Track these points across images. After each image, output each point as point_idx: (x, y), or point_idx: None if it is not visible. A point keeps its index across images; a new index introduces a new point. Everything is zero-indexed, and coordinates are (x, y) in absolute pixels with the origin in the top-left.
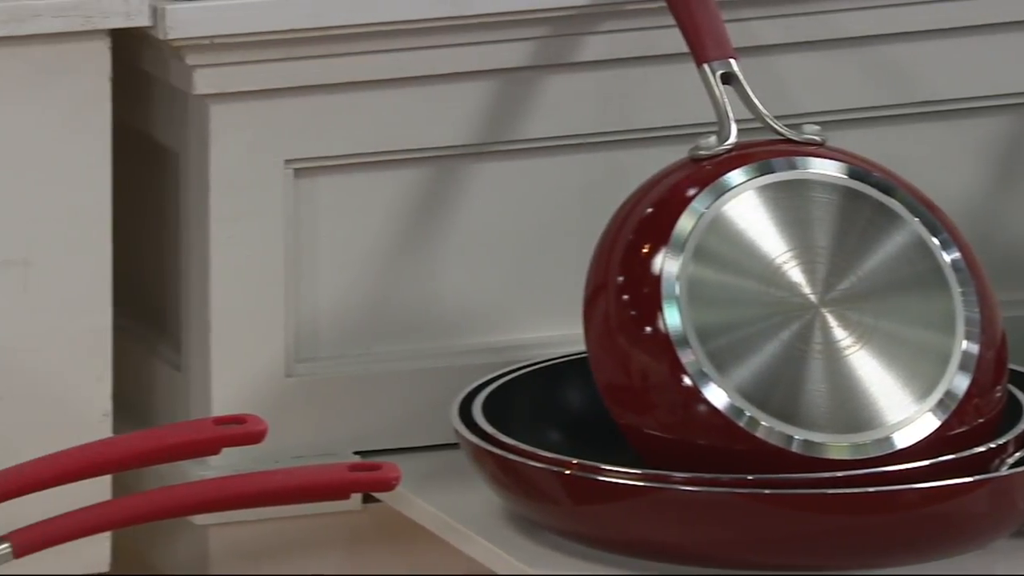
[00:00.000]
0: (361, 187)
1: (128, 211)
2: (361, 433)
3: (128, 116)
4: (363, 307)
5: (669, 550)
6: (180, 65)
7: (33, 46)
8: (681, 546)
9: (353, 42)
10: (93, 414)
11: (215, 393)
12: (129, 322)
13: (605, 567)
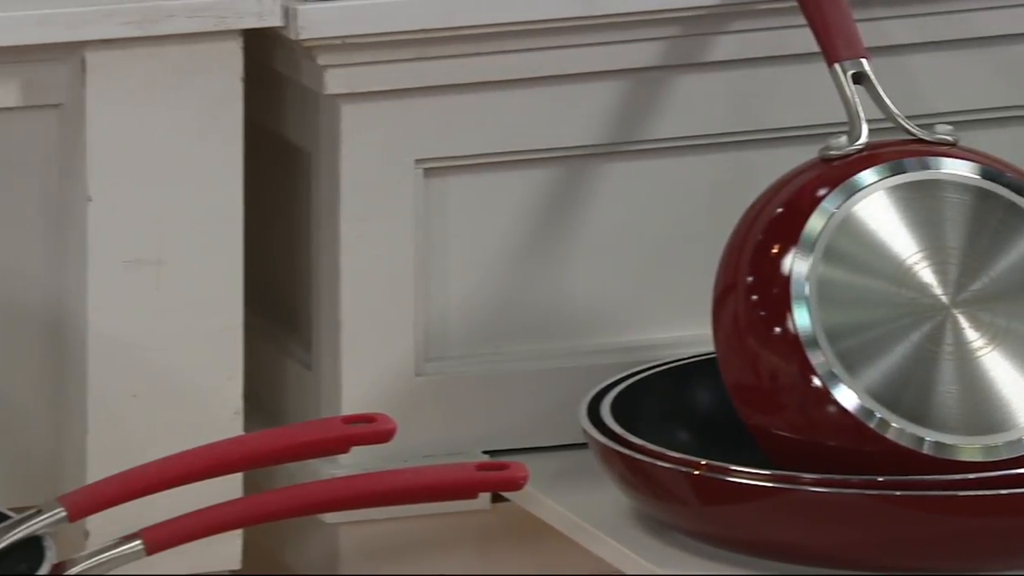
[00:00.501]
0: (491, 187)
1: (259, 210)
2: (490, 432)
3: (260, 116)
4: (492, 306)
5: (796, 551)
6: (312, 65)
7: (167, 46)
8: (809, 547)
9: (483, 42)
10: (224, 412)
11: (345, 392)
12: (260, 321)
13: (732, 567)
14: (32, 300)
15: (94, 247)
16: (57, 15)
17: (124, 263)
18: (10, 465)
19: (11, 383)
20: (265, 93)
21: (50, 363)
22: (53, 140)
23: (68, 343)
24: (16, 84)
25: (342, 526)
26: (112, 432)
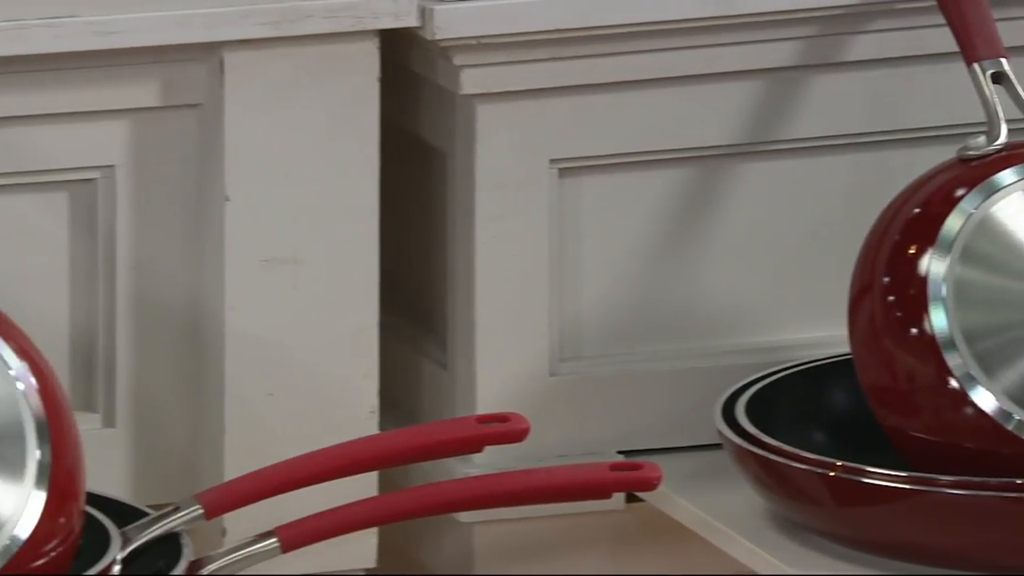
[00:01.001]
0: (626, 187)
1: (395, 210)
2: (624, 432)
3: (396, 116)
4: (627, 306)
5: (932, 553)
6: (447, 65)
7: (304, 47)
8: (945, 549)
9: (619, 42)
10: (360, 411)
11: (480, 391)
12: (396, 320)
13: (867, 569)
14: (171, 298)
15: (231, 246)
16: (196, 16)
17: (261, 262)
18: (149, 462)
19: (150, 381)
20: (401, 93)
21: (188, 361)
22: (192, 140)
23: (206, 342)
24: (156, 84)
25: (476, 525)
26: (249, 430)
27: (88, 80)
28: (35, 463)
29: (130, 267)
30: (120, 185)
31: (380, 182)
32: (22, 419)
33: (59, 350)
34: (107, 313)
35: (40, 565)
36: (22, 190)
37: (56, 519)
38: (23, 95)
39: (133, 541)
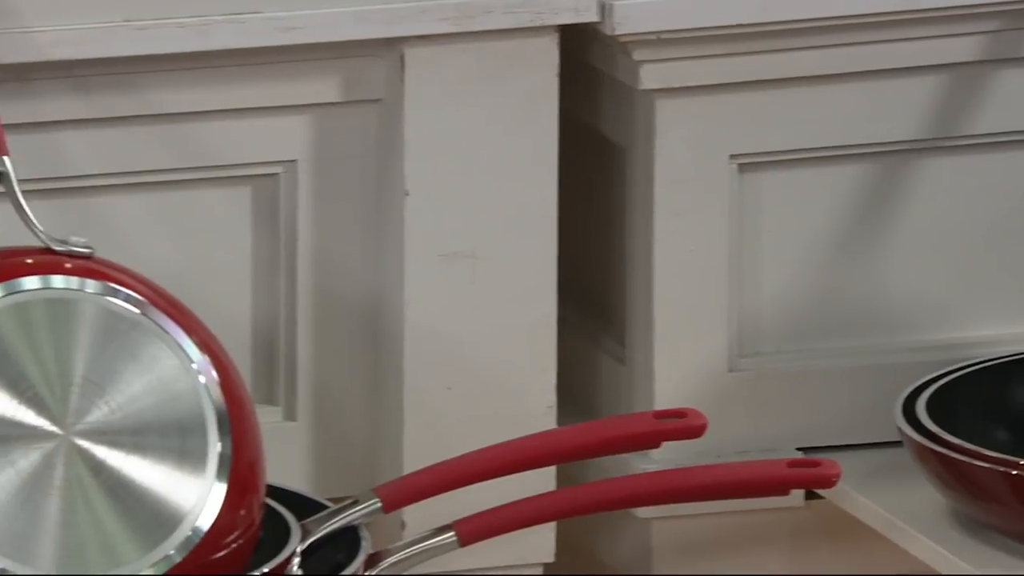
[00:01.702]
0: (806, 182)
1: (573, 204)
2: (803, 429)
3: (575, 110)
4: (806, 303)
5: None
6: (627, 60)
7: (483, 42)
8: None
9: (800, 37)
10: (538, 406)
11: (658, 387)
12: (574, 315)
13: None
14: (351, 292)
15: (411, 240)
16: (376, 12)
17: (440, 256)
18: (329, 456)
19: (331, 374)
20: (580, 88)
21: (367, 355)
22: (372, 135)
23: (385, 335)
24: (337, 80)
25: (655, 521)
26: (427, 424)
27: (270, 76)
28: (216, 455)
29: (311, 261)
30: (302, 180)
31: (559, 177)
32: (204, 412)
33: (241, 344)
34: (288, 307)
35: (221, 557)
36: (206, 185)
37: (236, 511)
38: (207, 91)
39: (312, 534)
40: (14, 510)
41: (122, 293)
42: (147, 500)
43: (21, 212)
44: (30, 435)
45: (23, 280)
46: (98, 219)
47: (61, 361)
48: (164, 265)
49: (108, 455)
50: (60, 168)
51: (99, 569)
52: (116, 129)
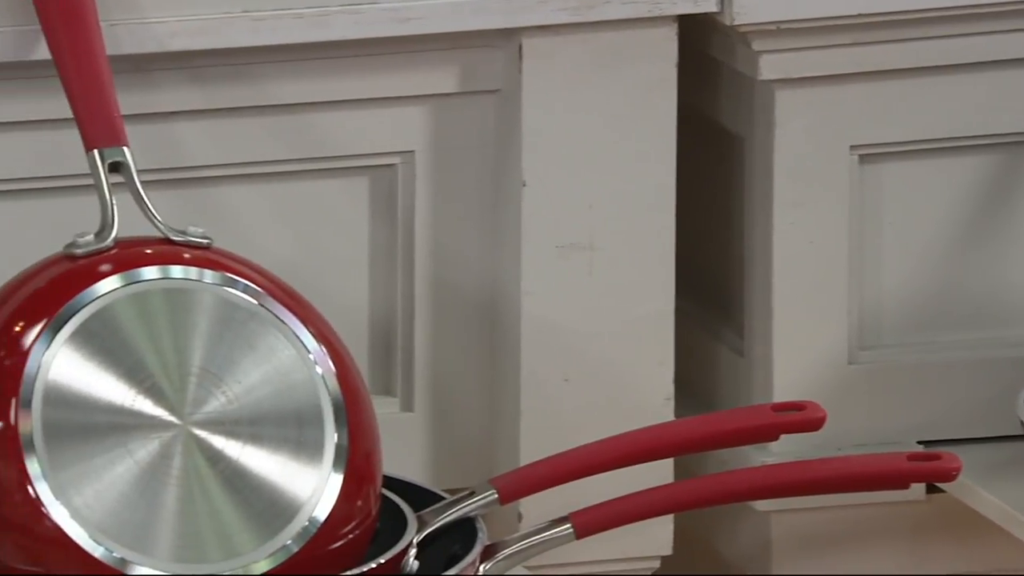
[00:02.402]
0: (928, 174)
1: (691, 195)
2: (924, 422)
3: (693, 101)
4: (928, 294)
5: None
6: (746, 50)
7: (601, 32)
8: None
9: (923, 26)
10: (655, 398)
11: (777, 379)
12: (692, 306)
13: None
14: (468, 283)
15: (528, 231)
16: (494, 2)
17: (557, 248)
18: (445, 447)
19: (447, 365)
20: (699, 78)
21: (484, 346)
22: (490, 125)
23: (502, 326)
24: (455, 70)
25: (773, 514)
26: (544, 415)
27: (388, 66)
28: (332, 446)
29: (428, 252)
30: (419, 170)
31: (677, 167)
32: (320, 402)
33: (358, 334)
34: (405, 298)
35: (337, 547)
36: (324, 175)
37: (353, 502)
38: (325, 81)
39: (429, 525)
40: (132, 500)
41: (240, 283)
42: (264, 490)
43: (140, 202)
44: (148, 425)
45: (143, 270)
46: (216, 209)
47: (179, 351)
48: (281, 256)
49: (225, 445)
50: (178, 159)
51: (216, 559)
52: (234, 120)
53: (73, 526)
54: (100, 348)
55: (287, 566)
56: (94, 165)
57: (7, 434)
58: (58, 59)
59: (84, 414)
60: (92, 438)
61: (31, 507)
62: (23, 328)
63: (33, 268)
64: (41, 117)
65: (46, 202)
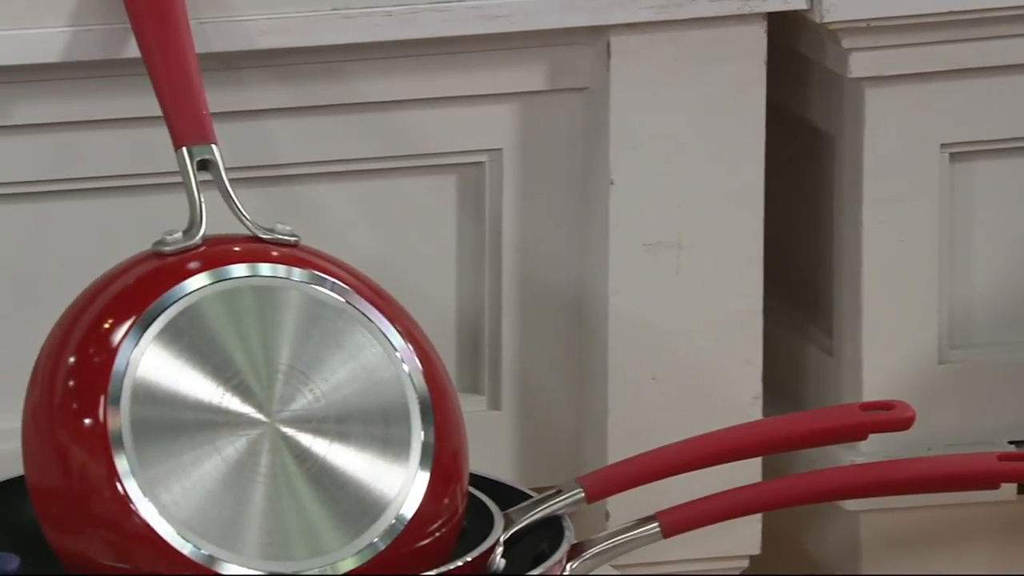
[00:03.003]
0: (1019, 171)
1: (780, 193)
2: (1015, 421)
3: (782, 99)
4: (1019, 292)
5: None
6: (836, 48)
7: (690, 30)
8: None
9: (1014, 24)
10: (743, 397)
11: (866, 378)
12: (779, 305)
13: None
14: (555, 281)
15: (615, 229)
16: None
17: (645, 246)
18: (533, 445)
19: (535, 363)
20: (788, 76)
21: (572, 344)
22: (578, 123)
23: (590, 324)
24: (543, 68)
25: (863, 513)
26: (631, 414)
27: (476, 64)
28: (419, 444)
29: (516, 249)
30: (507, 168)
31: (765, 165)
32: (407, 400)
33: (445, 332)
34: (493, 295)
35: (424, 545)
36: (412, 173)
37: (440, 499)
38: (413, 79)
39: (516, 523)
40: (220, 497)
41: (328, 281)
42: (351, 488)
43: (228, 200)
44: (236, 422)
45: (231, 268)
46: (304, 207)
47: (267, 348)
48: (369, 253)
49: (312, 443)
50: (266, 156)
51: (302, 557)
52: (322, 117)
53: (161, 523)
54: (188, 345)
55: (373, 564)
56: (183, 163)
57: (96, 431)
58: (147, 57)
59: (172, 411)
60: (180, 435)
61: (120, 504)
62: (112, 325)
63: (122, 265)
64: (130, 115)
65: (135, 200)
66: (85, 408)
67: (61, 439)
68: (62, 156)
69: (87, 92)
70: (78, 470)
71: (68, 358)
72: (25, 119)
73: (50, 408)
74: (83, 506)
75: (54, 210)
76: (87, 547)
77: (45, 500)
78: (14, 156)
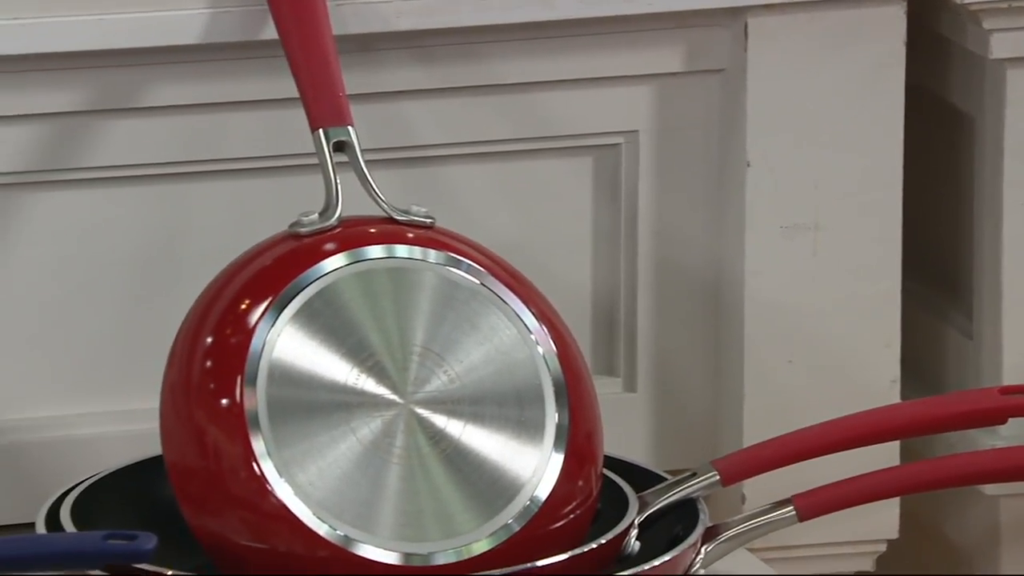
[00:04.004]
0: None
1: (919, 175)
2: None
3: (922, 80)
4: None
5: None
6: (977, 29)
7: (828, 11)
8: None
9: None
10: (881, 380)
11: (1006, 361)
12: (919, 287)
13: None
14: (691, 263)
15: (752, 211)
16: None
17: (781, 228)
18: (668, 427)
19: (671, 346)
20: (928, 57)
21: (708, 327)
22: (715, 105)
23: (726, 306)
24: (681, 50)
25: (1003, 498)
26: (768, 397)
27: (613, 46)
28: (554, 426)
29: (652, 231)
30: (643, 150)
31: (904, 147)
32: (541, 382)
33: (581, 314)
34: (628, 277)
35: (558, 527)
36: (548, 155)
37: (574, 481)
38: (551, 61)
39: (650, 506)
40: (355, 478)
41: (463, 263)
42: (485, 469)
43: (365, 182)
44: (371, 403)
45: (367, 249)
46: (440, 189)
47: (402, 330)
48: (504, 235)
49: (447, 424)
50: (402, 138)
51: (436, 538)
52: (459, 99)
53: (297, 503)
54: (324, 326)
55: (507, 545)
56: (319, 144)
57: (233, 411)
58: (285, 39)
59: (308, 392)
60: (316, 416)
61: (256, 484)
62: (249, 306)
63: (259, 247)
64: (267, 97)
65: (272, 181)
66: (222, 389)
67: (198, 419)
68: (200, 138)
69: (225, 74)
70: (215, 450)
71: (205, 339)
72: (164, 101)
73: (187, 388)
74: (220, 486)
75: (192, 191)
76: (224, 526)
77: (183, 480)
78: (153, 138)
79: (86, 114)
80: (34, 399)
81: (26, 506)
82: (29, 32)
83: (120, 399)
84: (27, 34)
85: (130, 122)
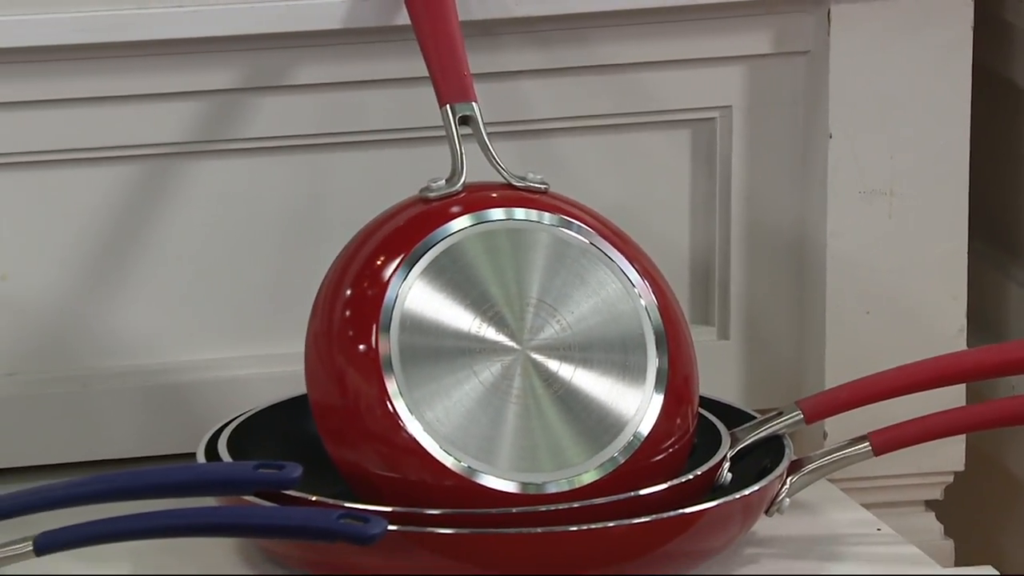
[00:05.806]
0: None
1: (984, 147)
2: None
3: (987, 61)
4: None
5: None
6: None
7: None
8: None
9: None
10: (949, 329)
11: None
12: (984, 247)
13: None
14: (778, 225)
15: (833, 178)
16: None
17: (860, 193)
18: (757, 371)
19: (760, 298)
20: (994, 40)
21: (793, 282)
22: (800, 84)
23: (809, 264)
24: (770, 33)
25: None
26: (847, 344)
27: (709, 30)
28: (655, 370)
29: (743, 197)
30: (736, 124)
31: (971, 121)
32: (644, 331)
33: (679, 271)
34: (722, 238)
35: (659, 460)
36: (650, 128)
37: (672, 419)
38: (653, 44)
39: (741, 441)
40: (478, 415)
41: (574, 225)
42: (592, 409)
43: (487, 152)
44: (492, 349)
45: (489, 212)
46: (553, 158)
47: (519, 284)
48: (610, 200)
49: (559, 368)
50: (520, 113)
51: (549, 469)
52: (570, 78)
53: (426, 438)
54: (449, 281)
55: (613, 476)
56: (446, 118)
57: (369, 356)
58: (416, 24)
59: (435, 339)
60: (442, 360)
61: (390, 420)
62: (383, 262)
63: (392, 209)
64: (399, 76)
65: (404, 151)
66: (359, 336)
67: (339, 363)
68: (340, 112)
69: (363, 55)
70: (353, 391)
71: (345, 291)
72: (309, 79)
73: (329, 335)
74: (358, 422)
75: (333, 160)
76: (361, 458)
77: (325, 416)
78: (299, 112)
79: (240, 91)
80: (195, 344)
81: (188, 438)
82: (191, 18)
83: (270, 344)
84: (189, 20)
85: (279, 98)
